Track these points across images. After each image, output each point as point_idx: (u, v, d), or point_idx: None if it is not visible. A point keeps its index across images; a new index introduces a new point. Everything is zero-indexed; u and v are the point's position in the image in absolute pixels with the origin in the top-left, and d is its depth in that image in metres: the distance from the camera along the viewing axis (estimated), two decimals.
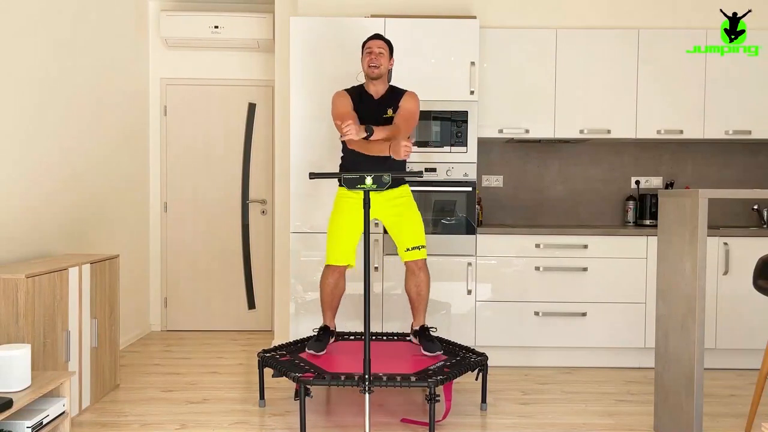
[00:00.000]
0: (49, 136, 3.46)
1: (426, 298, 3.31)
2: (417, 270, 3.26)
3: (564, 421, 3.08)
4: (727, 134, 4.13)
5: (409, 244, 3.22)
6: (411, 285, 3.29)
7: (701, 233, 2.47)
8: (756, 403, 2.75)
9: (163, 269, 5.03)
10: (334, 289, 3.31)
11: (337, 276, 3.29)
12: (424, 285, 3.27)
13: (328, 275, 3.29)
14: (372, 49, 3.19)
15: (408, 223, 3.23)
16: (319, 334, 3.34)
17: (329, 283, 3.30)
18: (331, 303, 3.35)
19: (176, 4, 4.93)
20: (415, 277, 3.27)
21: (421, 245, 3.23)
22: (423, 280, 3.27)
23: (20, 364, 2.44)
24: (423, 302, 3.30)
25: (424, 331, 3.28)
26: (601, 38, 4.11)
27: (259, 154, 5.05)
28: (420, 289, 3.28)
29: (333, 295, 3.32)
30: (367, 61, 3.19)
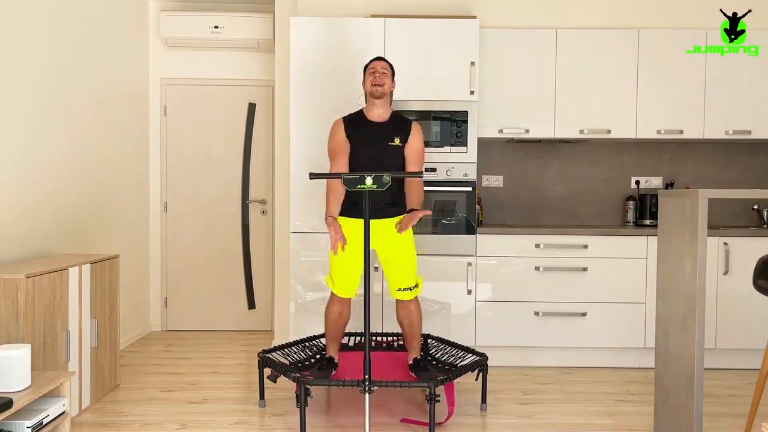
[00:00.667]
0: (49, 136, 3.46)
1: (418, 331, 3.22)
2: (408, 303, 3.18)
3: (564, 421, 3.08)
4: (727, 134, 4.13)
5: (400, 285, 3.14)
6: (402, 316, 3.21)
7: (701, 233, 2.47)
8: (756, 403, 2.75)
9: (163, 269, 5.04)
10: (338, 319, 3.22)
11: (341, 306, 3.21)
12: (416, 317, 3.19)
13: (333, 304, 3.21)
14: (375, 68, 3.10)
15: (401, 263, 3.13)
16: (322, 364, 3.25)
17: (334, 312, 3.21)
18: (335, 334, 3.26)
19: (176, 4, 4.93)
20: (406, 309, 3.19)
21: (413, 286, 3.15)
22: (414, 312, 3.19)
23: (20, 364, 2.44)
24: (416, 335, 3.22)
25: (418, 363, 3.20)
26: (601, 38, 4.11)
27: (259, 154, 5.05)
28: (411, 321, 3.19)
29: (337, 326, 3.23)
30: (370, 80, 3.09)
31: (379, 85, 3.08)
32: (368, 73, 3.13)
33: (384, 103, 3.15)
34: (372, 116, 3.16)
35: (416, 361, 3.21)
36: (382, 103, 3.14)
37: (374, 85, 3.08)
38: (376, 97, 3.11)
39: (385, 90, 3.11)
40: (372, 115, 3.16)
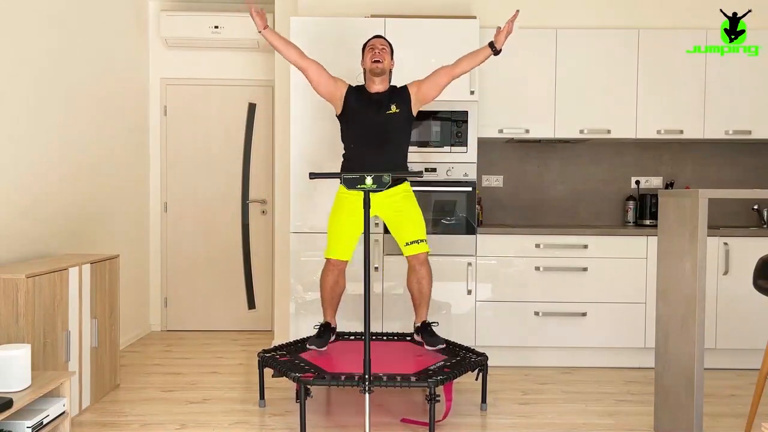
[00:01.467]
0: (49, 135, 3.46)
1: (428, 294, 3.29)
2: (418, 266, 3.24)
3: (564, 421, 3.08)
4: (727, 134, 4.13)
5: (409, 238, 3.21)
6: (413, 281, 3.28)
7: (701, 233, 2.47)
8: (756, 403, 2.75)
9: (163, 269, 5.03)
10: (334, 286, 3.30)
11: (337, 273, 3.28)
12: (426, 281, 3.26)
13: (327, 272, 3.28)
14: (375, 45, 3.18)
15: (408, 218, 3.22)
16: (319, 330, 3.33)
17: (329, 280, 3.28)
18: (332, 301, 3.34)
19: (176, 4, 4.93)
20: (416, 273, 3.25)
21: (422, 239, 3.21)
22: (424, 276, 3.25)
23: (20, 364, 2.44)
24: (425, 298, 3.29)
25: (426, 327, 3.28)
26: (601, 38, 4.11)
27: (259, 154, 5.05)
28: (421, 286, 3.27)
29: (333, 293, 3.32)
30: (369, 56, 3.16)
31: (379, 60, 3.13)
32: (367, 50, 3.19)
33: (383, 81, 3.22)
34: (372, 89, 3.23)
35: (424, 324, 3.29)
36: (381, 80, 3.21)
37: (374, 62, 3.14)
38: (376, 74, 3.17)
39: (385, 66, 3.17)
40: (372, 88, 3.23)
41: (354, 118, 3.21)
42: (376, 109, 3.19)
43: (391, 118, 3.18)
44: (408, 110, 3.21)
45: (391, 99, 3.21)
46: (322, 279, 3.32)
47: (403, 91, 3.24)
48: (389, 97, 3.22)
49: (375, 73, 3.17)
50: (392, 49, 3.27)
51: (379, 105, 3.19)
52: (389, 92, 3.25)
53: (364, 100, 3.21)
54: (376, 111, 3.18)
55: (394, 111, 3.18)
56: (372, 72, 3.18)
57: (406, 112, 3.21)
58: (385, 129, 3.18)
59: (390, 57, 3.22)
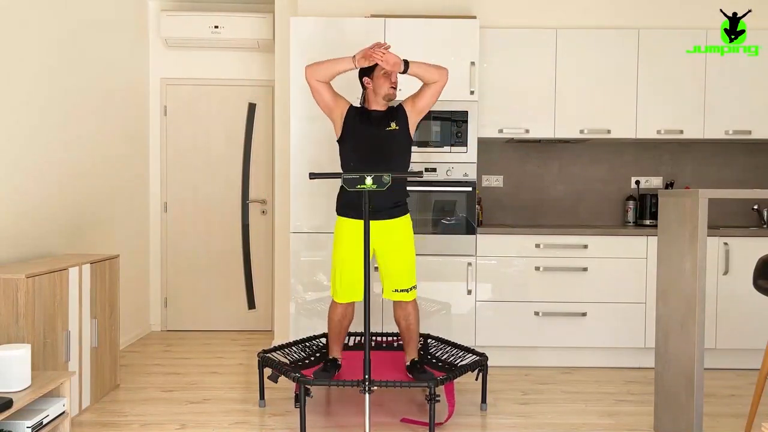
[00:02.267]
0: (49, 136, 3.46)
1: (416, 333, 3.20)
2: (405, 305, 3.17)
3: (564, 421, 3.08)
4: (727, 134, 4.13)
5: (396, 287, 3.12)
6: (400, 317, 3.19)
7: (701, 233, 2.47)
8: (756, 403, 2.75)
9: (163, 269, 5.03)
10: (342, 320, 3.20)
11: (344, 308, 3.19)
12: (413, 318, 3.17)
13: (336, 307, 3.19)
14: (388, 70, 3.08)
15: (399, 264, 3.11)
16: (325, 365, 3.22)
17: (338, 313, 3.19)
18: (339, 335, 3.24)
19: (176, 4, 4.93)
20: (404, 310, 3.17)
21: (410, 287, 3.13)
22: (412, 314, 3.17)
23: (20, 364, 2.44)
24: (413, 336, 3.20)
25: (414, 366, 3.17)
26: (601, 38, 4.11)
27: (259, 154, 5.05)
28: (409, 323, 3.17)
29: (341, 327, 3.22)
30: (388, 84, 3.10)
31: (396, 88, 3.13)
32: (383, 76, 3.11)
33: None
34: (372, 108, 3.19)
35: (413, 363, 3.19)
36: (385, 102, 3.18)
37: (393, 89, 3.12)
38: (389, 100, 3.14)
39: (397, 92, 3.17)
40: (372, 107, 3.19)
41: (354, 136, 3.13)
42: (376, 126, 3.13)
43: (391, 134, 3.12)
44: (406, 128, 3.15)
45: (390, 116, 3.16)
46: (329, 313, 3.23)
47: (399, 110, 3.19)
48: (388, 114, 3.17)
49: (389, 99, 3.13)
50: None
51: (379, 122, 3.14)
52: (388, 111, 3.20)
53: (366, 118, 3.15)
54: (375, 128, 3.12)
55: (393, 128, 3.13)
56: (386, 97, 3.13)
57: (405, 129, 3.15)
58: (386, 145, 3.10)
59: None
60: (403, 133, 3.16)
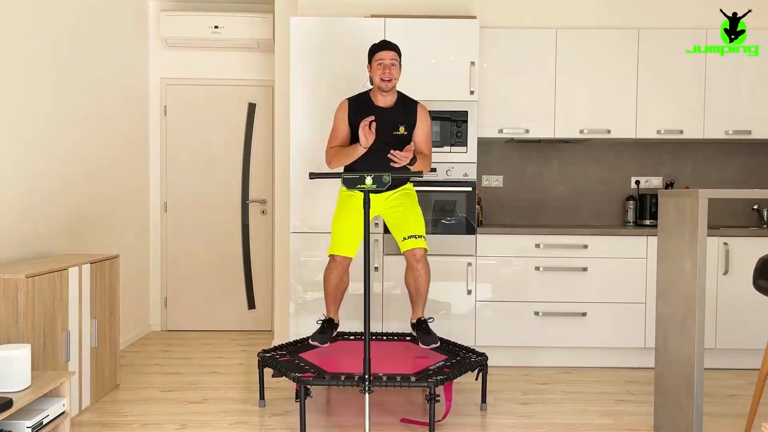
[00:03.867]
0: (49, 136, 3.46)
1: (425, 292, 3.26)
2: (416, 263, 3.20)
3: (564, 421, 3.08)
4: (727, 134, 4.13)
5: (407, 233, 3.17)
6: (410, 279, 3.25)
7: (701, 233, 2.47)
8: (756, 403, 2.75)
9: (163, 269, 5.03)
10: (339, 283, 3.28)
11: (341, 270, 3.25)
12: (423, 279, 3.22)
13: (332, 269, 3.25)
14: (384, 61, 3.06)
15: (407, 213, 3.20)
16: (322, 326, 3.32)
17: (333, 277, 3.26)
18: (335, 297, 3.32)
19: (176, 4, 4.93)
20: (414, 271, 3.22)
21: (420, 234, 3.17)
22: (422, 274, 3.21)
23: (20, 364, 2.44)
24: (422, 296, 3.26)
25: (421, 324, 3.26)
26: (601, 38, 4.11)
27: (259, 154, 5.05)
28: (419, 283, 3.23)
29: (337, 290, 3.30)
30: (379, 74, 3.07)
31: (388, 80, 3.07)
32: (376, 65, 3.10)
33: (391, 92, 3.17)
34: (378, 101, 3.17)
35: (420, 321, 3.27)
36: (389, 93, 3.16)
37: (383, 80, 3.08)
38: (385, 91, 3.12)
39: (394, 83, 3.12)
40: (378, 100, 3.17)
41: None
42: (383, 127, 3.10)
43: (398, 139, 3.11)
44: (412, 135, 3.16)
45: (400, 118, 3.13)
46: (325, 275, 3.30)
47: (411, 110, 3.15)
48: (398, 114, 3.14)
49: (384, 90, 3.11)
50: (400, 55, 3.16)
51: (387, 122, 3.11)
52: (398, 108, 3.16)
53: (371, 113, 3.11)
54: (382, 129, 3.10)
55: (402, 133, 3.12)
56: (381, 89, 3.11)
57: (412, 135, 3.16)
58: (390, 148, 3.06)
59: (399, 68, 3.13)
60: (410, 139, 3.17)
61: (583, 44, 4.10)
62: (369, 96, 3.20)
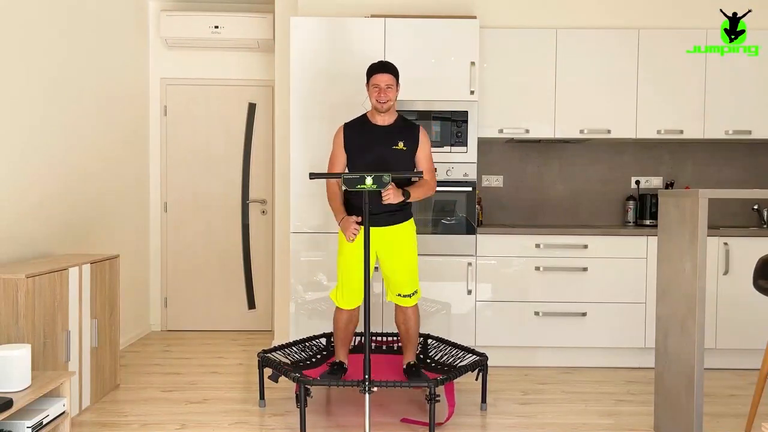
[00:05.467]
0: (49, 136, 3.46)
1: (415, 336, 3.21)
2: (406, 309, 3.17)
3: (564, 421, 3.08)
4: (727, 134, 4.13)
5: (398, 291, 3.13)
6: (400, 321, 3.20)
7: (701, 233, 2.47)
8: (756, 403, 2.75)
9: (163, 269, 5.03)
10: (348, 324, 3.19)
11: (350, 313, 3.18)
12: (413, 322, 3.18)
13: (341, 313, 3.18)
14: (379, 85, 3.04)
15: (401, 269, 3.11)
16: (332, 369, 3.20)
17: (343, 318, 3.18)
18: (345, 339, 3.23)
19: (176, 4, 4.93)
20: (404, 314, 3.17)
21: (412, 293, 3.13)
22: (412, 319, 3.17)
23: (20, 364, 2.44)
24: (412, 340, 3.20)
25: (411, 369, 3.18)
26: (601, 38, 4.11)
27: (259, 154, 5.05)
28: (408, 327, 3.18)
29: (347, 332, 3.21)
30: (375, 96, 3.05)
31: (384, 102, 3.04)
32: (372, 88, 3.07)
33: (389, 112, 3.12)
34: (377, 121, 3.13)
35: (409, 366, 3.19)
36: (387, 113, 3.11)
37: (379, 102, 3.05)
38: (382, 112, 3.09)
39: (390, 105, 3.07)
40: (377, 120, 3.13)
41: (357, 153, 3.09)
42: (382, 142, 3.08)
43: (397, 154, 3.07)
44: (414, 151, 3.11)
45: (399, 135, 3.10)
46: (335, 317, 3.21)
47: (412, 132, 3.12)
48: (397, 131, 3.11)
49: (381, 111, 3.08)
50: (398, 76, 3.11)
51: (385, 138, 3.09)
52: (397, 126, 3.14)
53: (368, 133, 3.11)
54: (381, 144, 3.08)
55: (401, 147, 3.07)
56: (377, 110, 3.08)
57: (412, 152, 3.11)
58: (391, 165, 3.04)
59: (395, 90, 3.09)
60: (411, 155, 3.11)
61: (583, 44, 4.10)
62: (367, 117, 3.17)
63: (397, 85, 3.09)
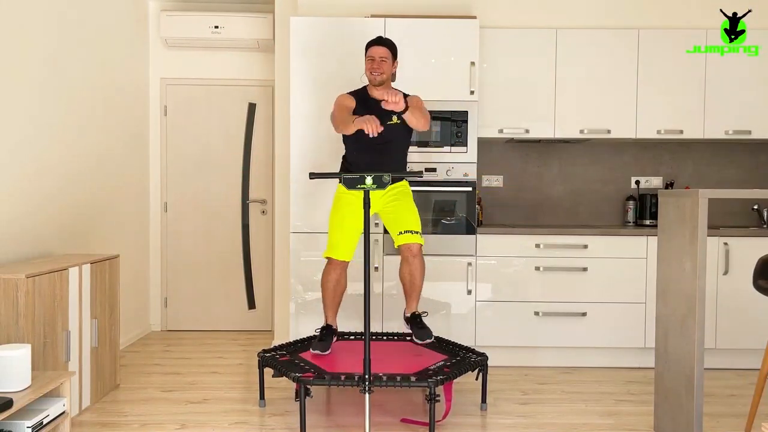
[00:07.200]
0: (49, 136, 3.46)
1: (420, 286, 3.26)
2: (411, 257, 3.20)
3: (564, 421, 3.08)
4: (727, 134, 4.13)
5: (403, 227, 3.18)
6: (405, 272, 3.25)
7: (701, 233, 2.47)
8: (756, 403, 2.75)
9: (163, 269, 5.03)
10: (336, 286, 3.28)
11: (339, 272, 3.26)
12: (418, 273, 3.22)
13: (329, 272, 3.26)
14: (374, 57, 3.17)
15: (404, 209, 3.22)
16: (322, 333, 3.31)
17: (331, 279, 3.26)
18: (333, 301, 3.32)
19: (176, 4, 4.93)
20: (409, 264, 3.21)
21: (416, 230, 3.19)
22: (417, 268, 3.21)
23: (20, 364, 2.44)
24: (416, 290, 3.25)
25: (415, 318, 3.25)
26: (600, 38, 4.11)
27: (259, 154, 5.05)
28: (413, 277, 3.23)
29: (335, 293, 3.30)
30: (368, 69, 3.18)
31: (377, 74, 3.16)
32: (367, 59, 3.20)
33: (385, 86, 3.22)
34: (374, 94, 3.24)
35: (413, 315, 3.28)
36: (382, 86, 3.21)
37: (373, 74, 3.17)
38: (375, 85, 3.20)
39: (384, 78, 3.19)
40: (374, 93, 3.24)
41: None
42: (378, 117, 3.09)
43: (391, 128, 3.15)
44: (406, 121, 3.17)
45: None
46: (323, 279, 3.30)
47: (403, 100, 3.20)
48: None
49: (374, 84, 3.20)
50: (394, 51, 3.23)
51: (380, 113, 3.13)
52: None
53: (366, 108, 3.19)
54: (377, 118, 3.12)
55: (395, 122, 3.16)
56: (371, 82, 3.21)
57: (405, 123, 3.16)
58: (385, 138, 3.13)
59: (391, 63, 3.21)
60: (405, 126, 3.19)
61: (583, 44, 4.10)
62: (365, 89, 3.29)
63: (393, 60, 3.22)
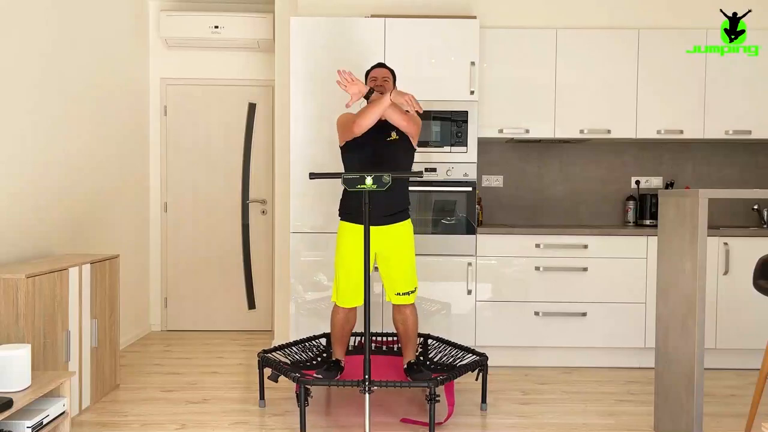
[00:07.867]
0: (49, 136, 3.46)
1: (413, 336, 3.22)
2: (404, 308, 3.18)
3: (564, 421, 3.08)
4: (727, 134, 4.13)
5: (397, 290, 3.13)
6: (398, 321, 3.21)
7: (701, 233, 2.47)
8: (756, 403, 2.75)
9: (163, 269, 5.03)
10: (345, 324, 3.20)
11: (347, 312, 3.19)
12: (411, 322, 3.18)
13: (338, 311, 3.19)
14: (377, 77, 3.18)
15: (400, 268, 3.13)
16: (329, 365, 3.22)
17: (340, 318, 3.19)
18: (342, 339, 3.24)
19: (176, 4, 4.93)
20: (402, 314, 3.18)
21: (411, 291, 3.15)
22: (410, 318, 3.18)
23: (20, 364, 2.44)
24: (410, 339, 3.21)
25: (412, 367, 3.19)
26: (600, 38, 4.11)
27: (259, 154, 5.05)
28: (407, 326, 3.19)
29: (343, 331, 3.22)
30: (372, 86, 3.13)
31: (381, 93, 3.08)
32: (369, 81, 3.20)
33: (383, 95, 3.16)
34: None
35: (410, 364, 3.20)
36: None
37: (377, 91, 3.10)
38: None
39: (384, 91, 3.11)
40: None
41: (354, 144, 3.13)
42: (376, 135, 3.11)
43: (390, 145, 3.12)
44: (406, 138, 3.14)
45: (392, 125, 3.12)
46: (332, 317, 3.23)
47: None
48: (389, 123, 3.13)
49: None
50: (395, 77, 3.24)
51: (379, 131, 3.12)
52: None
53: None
54: (375, 138, 3.11)
55: (393, 138, 3.12)
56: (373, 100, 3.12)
57: (407, 139, 3.14)
58: (387, 155, 3.09)
59: (392, 84, 3.20)
60: (404, 143, 3.15)
61: (583, 44, 4.10)
62: None
63: (393, 81, 3.23)
